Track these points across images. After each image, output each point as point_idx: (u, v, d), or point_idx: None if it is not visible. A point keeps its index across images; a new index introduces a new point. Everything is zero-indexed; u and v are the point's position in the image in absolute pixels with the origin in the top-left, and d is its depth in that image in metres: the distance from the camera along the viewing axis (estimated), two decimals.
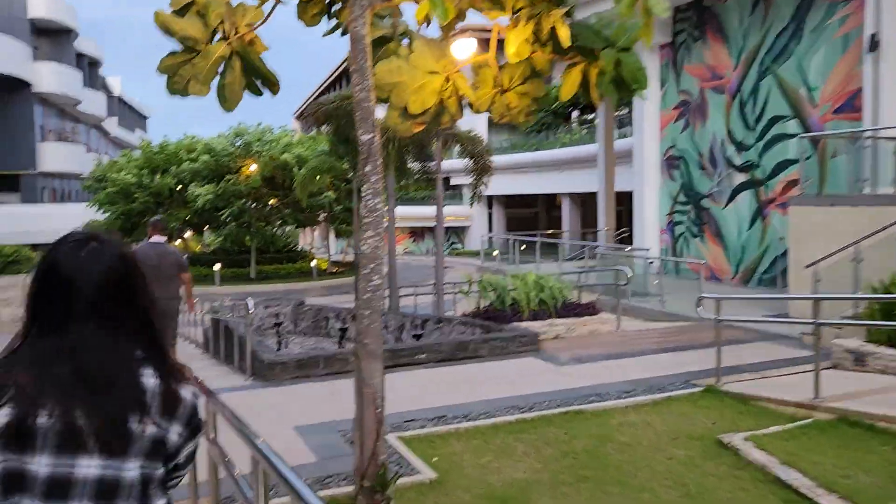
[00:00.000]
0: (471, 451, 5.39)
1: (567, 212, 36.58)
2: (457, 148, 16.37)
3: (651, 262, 14.04)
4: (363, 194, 3.90)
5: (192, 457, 1.49)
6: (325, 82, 56.88)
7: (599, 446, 5.45)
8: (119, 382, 1.35)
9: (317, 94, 60.36)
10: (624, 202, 36.93)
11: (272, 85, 4.56)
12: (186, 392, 1.43)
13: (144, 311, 1.47)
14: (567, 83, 4.68)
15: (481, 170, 14.97)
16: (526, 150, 38.70)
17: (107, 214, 28.85)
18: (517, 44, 4.46)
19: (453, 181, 43.48)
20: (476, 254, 41.30)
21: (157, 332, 1.48)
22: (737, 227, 14.59)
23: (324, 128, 24.09)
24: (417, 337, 9.84)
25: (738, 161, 14.50)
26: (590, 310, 10.01)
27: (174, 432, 1.38)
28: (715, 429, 5.75)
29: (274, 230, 30.81)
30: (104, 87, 56.63)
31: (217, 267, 27.68)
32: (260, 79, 4.50)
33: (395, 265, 18.07)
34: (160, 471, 1.38)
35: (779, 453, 4.97)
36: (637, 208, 17.07)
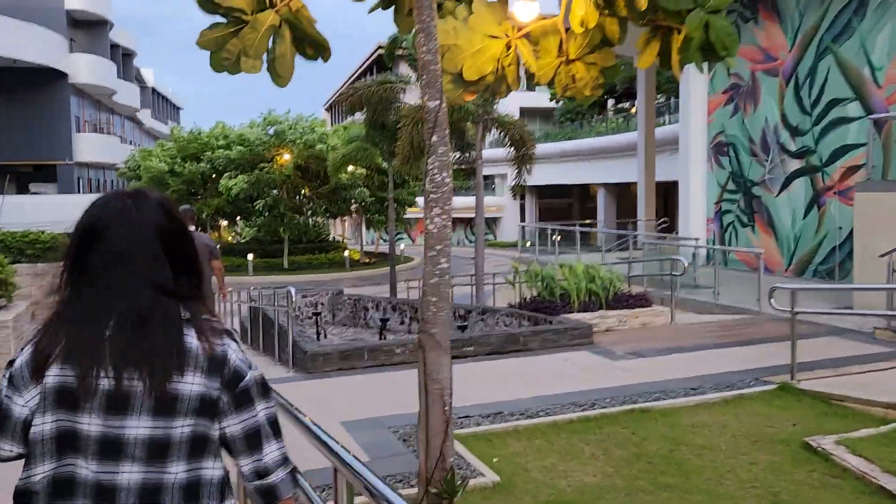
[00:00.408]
0: (533, 452, 4.99)
1: (602, 202, 35.89)
2: (489, 137, 15.99)
3: (696, 253, 13.47)
4: (429, 167, 3.49)
5: (251, 438, 1.38)
6: (355, 73, 56.63)
7: (674, 449, 5.01)
8: (164, 341, 1.32)
9: (347, 83, 60.19)
10: (663, 192, 36.28)
11: (324, 50, 4.18)
12: (231, 351, 1.37)
13: (188, 261, 1.42)
14: (646, 51, 4.22)
15: (523, 158, 14.49)
16: (560, 140, 38.05)
17: None
18: (585, 8, 4.03)
19: (485, 171, 43.06)
20: (510, 244, 40.89)
21: (201, 283, 1.43)
22: (790, 215, 13.93)
23: (358, 115, 23.81)
24: (462, 328, 9.45)
25: (792, 147, 13.83)
26: (642, 301, 9.53)
27: (222, 395, 1.35)
28: (798, 431, 5.28)
29: (307, 220, 30.63)
30: (138, 79, 57.08)
31: (250, 257, 27.59)
32: (312, 46, 4.13)
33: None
34: (214, 431, 1.35)
35: (879, 459, 4.48)
36: (682, 197, 16.44)
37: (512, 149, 14.34)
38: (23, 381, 1.30)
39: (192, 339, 1.34)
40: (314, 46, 4.09)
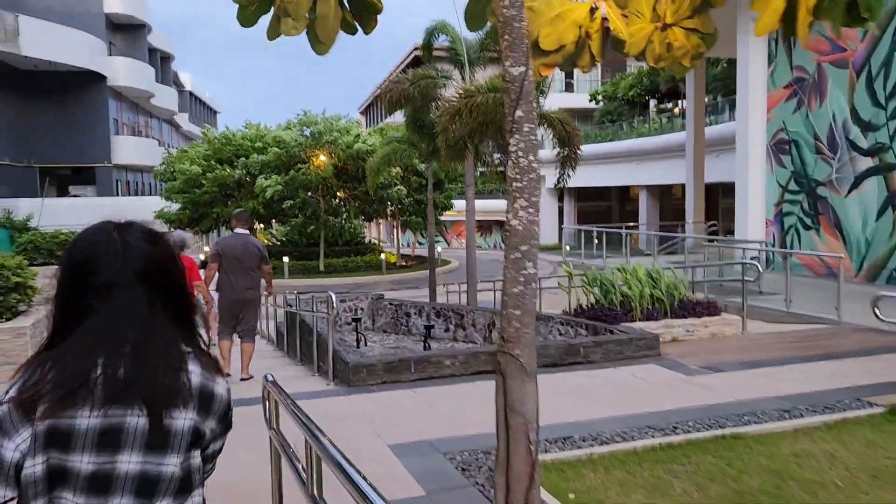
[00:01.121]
0: (615, 486, 4.28)
1: (644, 204, 34.86)
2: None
3: (757, 257, 12.58)
4: (511, 149, 2.83)
5: (218, 453, 1.48)
6: (390, 75, 56.31)
7: (780, 485, 4.26)
8: (163, 376, 1.31)
9: (383, 84, 59.93)
10: (711, 193, 35.23)
11: (371, 15, 3.56)
12: (221, 387, 1.40)
13: (180, 288, 1.42)
14: (766, 13, 3.50)
15: (568, 158, 13.75)
16: (600, 141, 37.13)
17: (176, 206, 28.80)
18: None
19: None
20: (547, 248, 40.04)
21: (192, 316, 1.43)
22: (861, 217, 12.96)
23: (392, 119, 23.23)
24: None
25: (863, 143, 12.87)
26: (710, 309, 8.73)
27: (208, 427, 1.37)
28: None
29: (342, 222, 30.18)
30: (176, 83, 57.54)
31: (286, 259, 27.23)
32: (360, 6, 3.50)
33: (474, 258, 17.07)
34: (197, 463, 1.36)
35: None
36: (740, 198, 15.51)
37: (556, 148, 13.60)
38: (12, 424, 1.26)
39: (193, 375, 1.36)
40: (362, 6, 3.48)
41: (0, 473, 1.27)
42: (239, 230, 7.30)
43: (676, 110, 34.64)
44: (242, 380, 7.29)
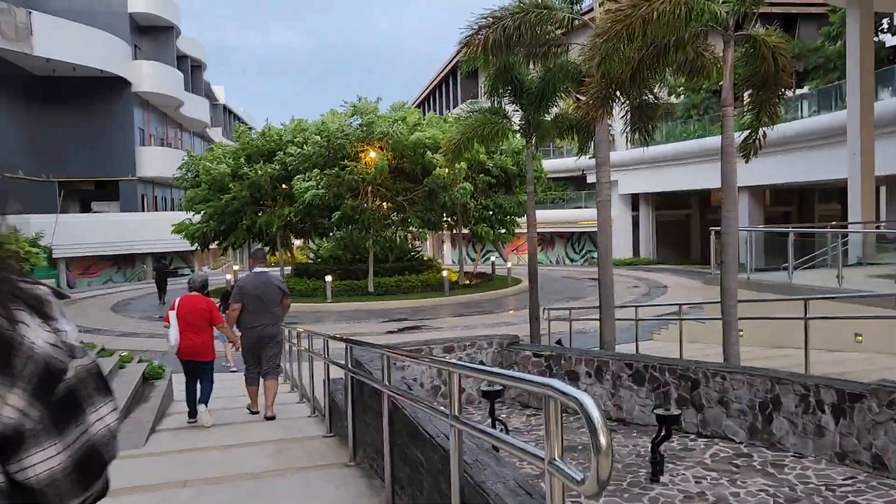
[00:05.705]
0: None
1: (746, 209, 29.74)
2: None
3: None
4: None
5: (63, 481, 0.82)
6: (437, 76, 52.27)
7: None
8: None
9: (433, 83, 55.84)
10: (824, 194, 29.66)
11: None
12: (35, 337, 0.82)
13: None
14: None
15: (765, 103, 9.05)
16: (686, 138, 32.28)
17: (198, 216, 24.62)
18: None
19: (590, 179, 37.66)
20: (622, 263, 35.09)
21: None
22: None
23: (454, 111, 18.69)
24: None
25: None
26: None
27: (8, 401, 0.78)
28: None
29: (396, 233, 25.60)
30: (208, 95, 54.29)
31: (328, 279, 22.81)
32: None
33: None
34: None
35: None
36: None
37: (750, 90, 8.92)
38: None
39: None
40: None
41: None
42: (258, 269, 7.46)
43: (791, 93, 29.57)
44: (267, 418, 7.14)
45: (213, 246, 27.26)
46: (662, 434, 4.27)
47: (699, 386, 5.41)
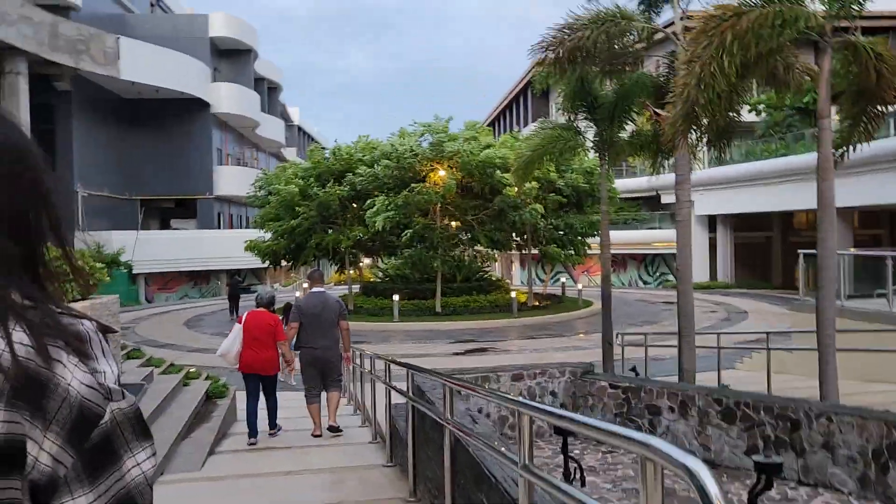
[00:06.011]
0: None
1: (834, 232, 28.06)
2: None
3: None
4: None
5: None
6: (511, 91, 52.03)
7: None
8: None
9: (501, 105, 55.64)
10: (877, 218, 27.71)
11: None
12: (71, 378, 0.78)
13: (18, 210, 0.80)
14: None
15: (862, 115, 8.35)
16: (766, 157, 30.88)
17: (269, 234, 24.96)
18: None
19: (665, 199, 36.50)
20: (698, 287, 33.73)
21: (39, 249, 0.84)
22: None
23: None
24: None
25: None
26: None
27: (43, 444, 0.75)
28: None
29: (465, 252, 25.28)
30: (283, 116, 55.67)
31: (395, 298, 22.69)
32: None
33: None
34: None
35: None
36: None
37: (842, 104, 8.24)
38: None
39: (16, 345, 0.75)
40: None
41: None
42: (316, 289, 7.45)
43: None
44: (330, 428, 7.14)
45: (283, 263, 27.60)
46: (762, 485, 3.76)
47: (800, 427, 4.80)
